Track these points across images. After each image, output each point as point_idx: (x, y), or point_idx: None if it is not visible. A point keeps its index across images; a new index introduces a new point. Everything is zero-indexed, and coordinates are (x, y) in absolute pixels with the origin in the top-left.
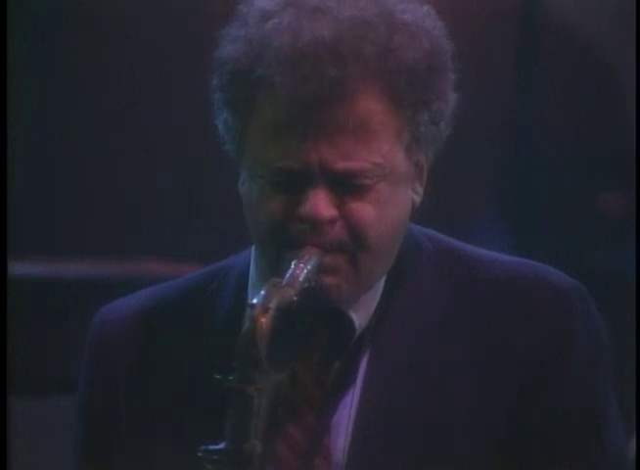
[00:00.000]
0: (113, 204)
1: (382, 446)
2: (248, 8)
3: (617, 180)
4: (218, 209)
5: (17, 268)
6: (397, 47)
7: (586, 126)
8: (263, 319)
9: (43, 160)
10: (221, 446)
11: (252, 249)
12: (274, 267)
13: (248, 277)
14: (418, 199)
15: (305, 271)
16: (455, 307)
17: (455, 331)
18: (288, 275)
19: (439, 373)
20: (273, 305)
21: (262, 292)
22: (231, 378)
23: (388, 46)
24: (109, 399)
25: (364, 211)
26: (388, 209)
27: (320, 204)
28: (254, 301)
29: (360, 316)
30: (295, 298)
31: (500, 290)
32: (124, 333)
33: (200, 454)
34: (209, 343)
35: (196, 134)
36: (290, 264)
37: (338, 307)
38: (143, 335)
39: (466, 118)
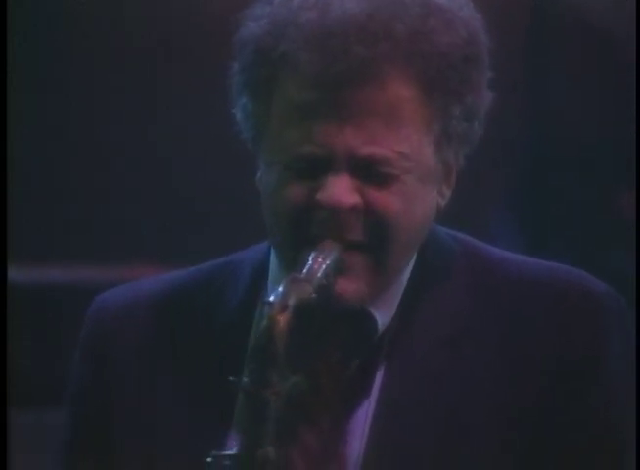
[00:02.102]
0: (113, 208)
1: (398, 453)
2: None
3: (618, 180)
4: (219, 213)
5: (16, 275)
6: (431, 31)
7: (586, 127)
8: (281, 318)
9: (43, 160)
10: (233, 451)
11: None
12: (292, 263)
13: (264, 271)
14: (443, 202)
15: (324, 266)
16: (482, 311)
17: (480, 336)
18: (305, 270)
19: (462, 379)
20: (291, 302)
21: (280, 288)
22: (245, 379)
23: (421, 28)
24: (104, 396)
25: (388, 201)
26: (413, 204)
27: (341, 190)
28: (271, 298)
29: (382, 316)
30: (314, 295)
31: (530, 294)
32: (123, 325)
33: (209, 460)
34: (216, 338)
35: (196, 137)
36: (307, 258)
37: (361, 306)
38: (143, 327)
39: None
